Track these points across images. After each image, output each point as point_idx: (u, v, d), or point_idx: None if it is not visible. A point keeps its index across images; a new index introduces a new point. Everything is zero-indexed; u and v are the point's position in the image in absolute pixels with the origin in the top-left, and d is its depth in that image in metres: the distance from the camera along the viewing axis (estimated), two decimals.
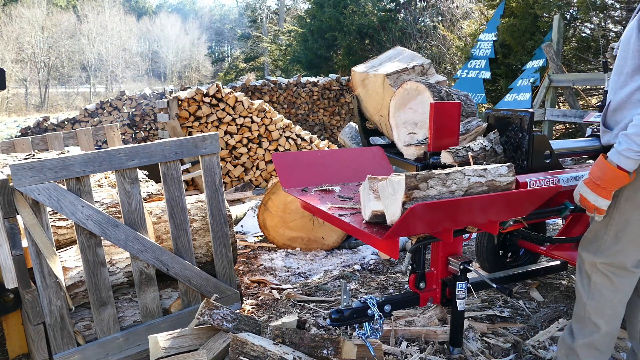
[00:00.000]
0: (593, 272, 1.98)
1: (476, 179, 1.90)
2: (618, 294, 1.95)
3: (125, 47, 35.04)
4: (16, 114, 25.63)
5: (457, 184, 1.86)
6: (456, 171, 1.87)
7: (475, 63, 9.75)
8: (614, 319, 1.98)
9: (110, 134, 4.50)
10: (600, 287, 1.96)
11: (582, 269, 2.04)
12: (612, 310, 1.96)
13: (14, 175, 2.05)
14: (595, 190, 1.85)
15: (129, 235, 2.36)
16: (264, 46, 25.94)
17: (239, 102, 6.60)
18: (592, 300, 1.98)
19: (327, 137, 10.85)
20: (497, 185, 1.94)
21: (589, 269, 1.99)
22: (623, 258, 1.91)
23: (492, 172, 1.94)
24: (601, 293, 1.96)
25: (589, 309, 1.99)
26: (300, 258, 4.02)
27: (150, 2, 47.59)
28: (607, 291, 1.95)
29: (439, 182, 1.82)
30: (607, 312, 1.96)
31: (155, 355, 2.13)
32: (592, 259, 1.97)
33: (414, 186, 1.77)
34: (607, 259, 1.94)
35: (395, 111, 3.08)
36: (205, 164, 2.64)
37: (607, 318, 1.97)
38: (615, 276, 1.93)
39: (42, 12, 32.54)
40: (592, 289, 1.98)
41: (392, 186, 1.83)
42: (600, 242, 1.96)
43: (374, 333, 2.17)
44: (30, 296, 2.19)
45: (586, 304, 2.00)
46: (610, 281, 1.94)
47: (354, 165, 2.68)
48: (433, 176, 1.81)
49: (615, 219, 1.91)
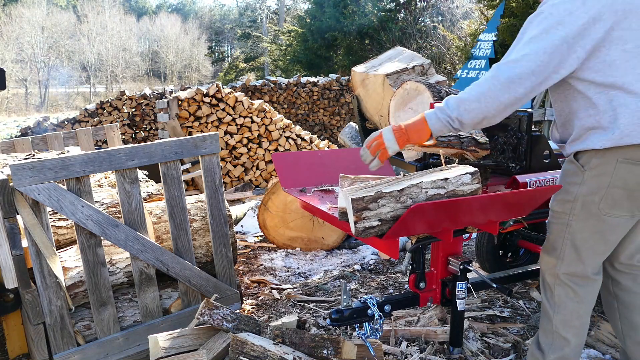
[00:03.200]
0: (556, 284, 1.93)
1: (435, 191, 1.83)
2: (583, 304, 1.90)
3: (125, 47, 35.02)
4: (16, 114, 25.63)
5: (412, 198, 1.80)
6: (412, 186, 1.80)
7: (475, 63, 9.76)
8: (581, 330, 1.94)
9: (110, 134, 4.50)
10: (564, 299, 1.91)
11: (545, 281, 1.99)
12: (579, 321, 1.92)
13: (14, 175, 2.05)
14: (395, 133, 1.84)
15: (129, 235, 2.36)
16: (264, 46, 25.96)
17: (239, 102, 6.60)
18: (558, 314, 1.93)
19: (327, 137, 10.85)
20: (460, 195, 1.88)
21: (551, 281, 1.95)
22: (584, 267, 1.87)
23: (453, 181, 1.86)
24: (566, 305, 1.91)
25: (556, 324, 1.94)
26: (300, 258, 4.02)
27: (150, 2, 47.59)
28: (571, 303, 1.90)
29: (391, 199, 1.76)
30: (575, 324, 1.92)
31: (155, 355, 2.13)
32: (552, 269, 1.93)
33: (362, 208, 1.72)
34: (568, 268, 1.89)
35: (395, 111, 3.08)
36: (205, 164, 2.64)
37: (576, 330, 1.93)
38: (577, 286, 1.89)
39: (42, 12, 32.54)
40: (556, 302, 1.93)
41: (347, 201, 1.77)
42: (558, 252, 1.91)
43: (374, 333, 2.17)
44: (30, 296, 2.19)
45: (553, 318, 1.94)
46: (573, 292, 1.89)
47: (354, 165, 2.68)
48: (384, 195, 1.75)
49: (572, 226, 1.85)
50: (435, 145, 2.13)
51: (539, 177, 2.42)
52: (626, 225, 1.82)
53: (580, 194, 1.80)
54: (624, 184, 1.72)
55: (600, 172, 1.75)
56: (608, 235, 1.82)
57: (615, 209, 1.76)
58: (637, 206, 1.76)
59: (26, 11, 31.36)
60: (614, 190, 1.74)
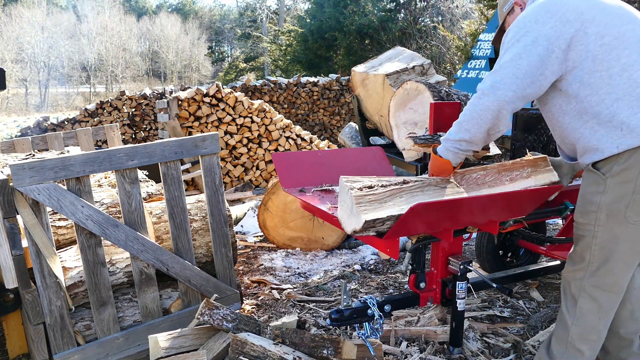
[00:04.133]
0: (580, 296, 1.87)
1: None
2: (603, 319, 1.87)
3: (125, 47, 35.01)
4: (16, 114, 25.61)
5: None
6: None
7: (475, 63, 9.75)
8: (597, 344, 1.91)
9: (110, 134, 4.50)
10: (586, 312, 1.86)
11: (568, 291, 1.94)
12: (597, 336, 1.89)
13: (14, 175, 2.05)
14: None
15: (129, 235, 2.36)
16: (264, 46, 25.95)
17: (239, 102, 6.60)
18: (577, 326, 1.89)
19: (327, 137, 10.85)
20: None
21: (576, 292, 1.89)
22: (614, 278, 1.81)
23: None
24: (587, 319, 1.87)
25: (573, 335, 1.90)
26: (300, 258, 4.02)
27: (150, 2, 47.53)
28: (593, 317, 1.86)
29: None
30: (592, 338, 1.89)
31: (155, 355, 2.13)
32: (580, 281, 1.87)
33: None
34: (597, 280, 1.83)
35: (395, 111, 3.08)
36: (205, 164, 2.64)
37: (592, 344, 1.90)
38: (603, 299, 1.84)
39: (42, 12, 32.54)
40: (577, 314, 1.88)
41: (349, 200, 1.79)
42: (586, 263, 1.84)
43: (374, 333, 2.17)
44: (30, 296, 2.19)
45: (570, 329, 1.90)
46: (598, 305, 1.85)
47: (354, 165, 2.68)
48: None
49: (599, 237, 1.79)
50: (435, 146, 2.13)
51: None
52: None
53: (604, 202, 1.74)
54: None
55: (623, 179, 1.70)
56: (638, 245, 1.76)
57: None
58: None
59: (26, 11, 31.35)
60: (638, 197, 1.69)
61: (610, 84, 1.68)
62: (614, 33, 1.70)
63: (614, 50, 1.68)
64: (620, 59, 1.67)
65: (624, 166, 1.68)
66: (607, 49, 1.69)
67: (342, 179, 1.85)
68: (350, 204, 1.77)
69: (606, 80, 1.68)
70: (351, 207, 1.76)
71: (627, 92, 1.66)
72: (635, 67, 1.66)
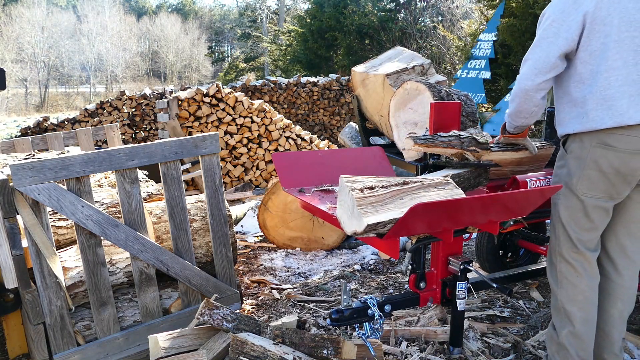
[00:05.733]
0: (557, 261, 2.09)
1: None
2: (583, 279, 2.03)
3: (125, 47, 35.02)
4: (16, 114, 25.63)
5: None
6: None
7: (475, 63, 9.74)
8: (586, 304, 2.03)
9: (110, 134, 4.50)
10: (566, 274, 2.06)
11: (549, 261, 2.16)
12: (582, 296, 2.03)
13: (14, 175, 2.05)
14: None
15: (129, 235, 2.36)
16: (264, 46, 25.93)
17: (239, 102, 6.60)
18: (561, 289, 2.07)
19: (327, 137, 10.84)
20: None
21: (555, 259, 2.11)
22: (571, 243, 2.02)
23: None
24: (568, 280, 2.05)
25: (561, 299, 2.07)
26: (300, 258, 4.02)
27: (150, 2, 47.54)
28: (572, 277, 2.04)
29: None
30: (578, 298, 2.03)
31: (155, 355, 2.13)
32: (554, 248, 2.10)
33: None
34: (564, 245, 2.05)
35: (395, 111, 3.08)
36: (205, 164, 2.64)
37: (580, 304, 2.03)
38: (575, 262, 2.03)
39: (42, 12, 32.55)
40: (559, 278, 2.09)
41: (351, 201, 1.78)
42: (555, 231, 2.09)
43: (374, 333, 2.17)
44: (30, 296, 2.19)
45: (557, 294, 2.09)
46: (573, 267, 2.03)
47: (354, 165, 2.68)
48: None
49: (558, 206, 2.05)
50: (435, 146, 2.13)
51: (539, 177, 2.42)
52: (606, 206, 1.96)
53: (563, 175, 2.02)
54: (598, 167, 1.89)
55: (576, 155, 1.95)
56: (591, 214, 1.97)
57: (592, 190, 1.93)
58: (615, 190, 1.92)
59: (26, 11, 31.36)
60: (588, 172, 1.92)
61: (593, 78, 1.88)
62: (616, 37, 1.85)
63: (609, 51, 1.85)
64: (608, 61, 1.85)
65: (578, 145, 1.94)
66: (606, 48, 1.86)
67: (342, 178, 1.85)
68: (351, 205, 1.76)
69: (592, 75, 1.88)
70: (352, 209, 1.75)
71: (599, 90, 1.87)
72: (617, 71, 1.84)
